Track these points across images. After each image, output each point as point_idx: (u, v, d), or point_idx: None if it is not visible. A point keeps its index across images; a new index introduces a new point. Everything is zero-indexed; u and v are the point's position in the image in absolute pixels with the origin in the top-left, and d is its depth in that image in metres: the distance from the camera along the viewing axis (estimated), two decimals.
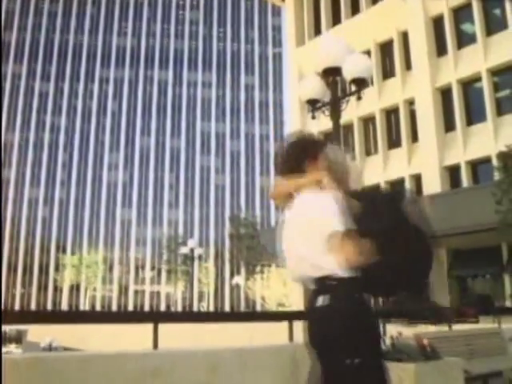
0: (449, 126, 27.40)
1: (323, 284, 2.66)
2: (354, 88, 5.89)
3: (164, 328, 5.33)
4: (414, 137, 28.90)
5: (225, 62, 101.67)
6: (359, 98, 6.00)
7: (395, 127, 30.31)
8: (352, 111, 23.78)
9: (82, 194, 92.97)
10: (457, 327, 8.73)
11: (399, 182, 29.60)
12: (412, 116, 29.22)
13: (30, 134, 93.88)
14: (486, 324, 10.00)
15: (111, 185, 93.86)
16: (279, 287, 40.85)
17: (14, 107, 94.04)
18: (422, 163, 27.88)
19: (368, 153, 31.52)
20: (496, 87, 26.16)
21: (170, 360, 4.91)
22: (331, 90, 5.89)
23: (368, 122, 31.05)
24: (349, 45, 5.89)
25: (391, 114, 30.60)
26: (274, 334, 8.18)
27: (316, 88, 6.06)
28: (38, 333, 28.97)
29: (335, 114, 5.87)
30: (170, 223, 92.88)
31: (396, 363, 5.09)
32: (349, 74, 5.75)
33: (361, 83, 5.87)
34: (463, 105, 26.93)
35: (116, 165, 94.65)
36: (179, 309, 76.53)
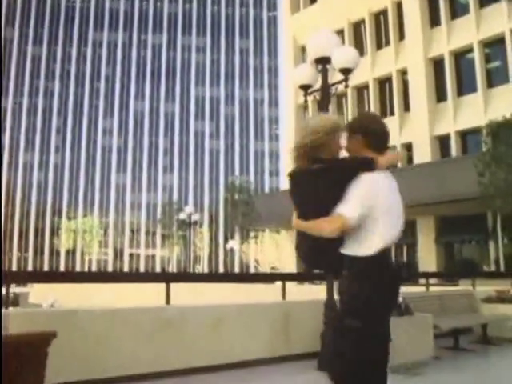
0: (440, 96, 27.95)
1: None
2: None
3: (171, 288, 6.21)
4: (406, 106, 29.48)
5: (219, 26, 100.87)
6: (346, 86, 6.68)
7: (388, 97, 30.84)
8: None
9: (77, 159, 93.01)
10: (434, 289, 9.63)
11: (391, 150, 30.37)
12: (404, 86, 29.74)
13: (24, 99, 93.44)
14: (466, 287, 10.76)
15: (106, 150, 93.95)
16: (272, 251, 41.93)
17: (6, 72, 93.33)
18: (413, 132, 28.52)
19: None
20: (487, 59, 26.66)
21: (181, 313, 5.79)
22: (322, 77, 6.57)
23: (361, 90, 31.51)
24: (338, 39, 6.58)
25: (384, 83, 31.09)
26: (268, 294, 9.09)
27: (308, 75, 6.76)
28: (36, 296, 29.90)
29: (325, 98, 6.59)
30: (165, 188, 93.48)
31: None
32: (337, 63, 6.46)
33: (347, 72, 6.57)
34: (455, 76, 27.43)
35: (110, 130, 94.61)
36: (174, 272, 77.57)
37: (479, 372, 6.35)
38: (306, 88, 6.78)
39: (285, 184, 42.27)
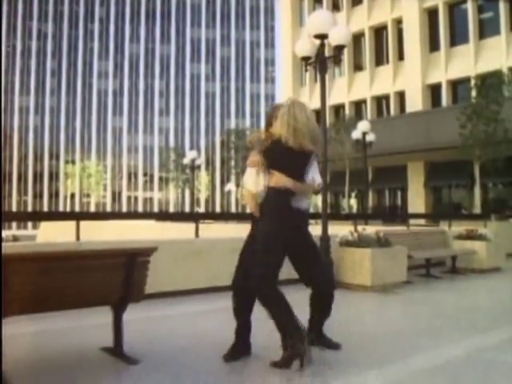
0: (433, 46, 28.85)
1: None
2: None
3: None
4: (401, 55, 30.38)
5: None
6: (340, 61, 7.97)
7: (384, 45, 31.65)
8: None
9: (73, 103, 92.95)
10: (413, 228, 11.18)
11: (384, 98, 31.48)
12: (399, 35, 30.55)
13: (17, 42, 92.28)
14: (444, 227, 12.27)
15: (101, 93, 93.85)
16: None
17: None
18: (406, 81, 29.57)
19: (356, 69, 33.09)
20: (480, 10, 27.44)
21: (206, 244, 7.37)
22: (319, 50, 7.84)
23: (358, 39, 32.22)
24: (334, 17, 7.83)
25: (380, 32, 31.85)
26: None
27: (308, 48, 8.04)
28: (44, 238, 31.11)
29: (322, 70, 7.88)
30: (161, 131, 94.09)
31: (360, 248, 7.49)
32: (333, 40, 7.74)
33: (341, 48, 7.86)
34: (448, 26, 28.26)
35: (106, 72, 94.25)
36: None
37: (445, 292, 7.88)
38: (306, 59, 8.07)
39: None
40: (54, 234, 24.27)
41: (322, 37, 7.71)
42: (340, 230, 8.35)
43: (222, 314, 4.81)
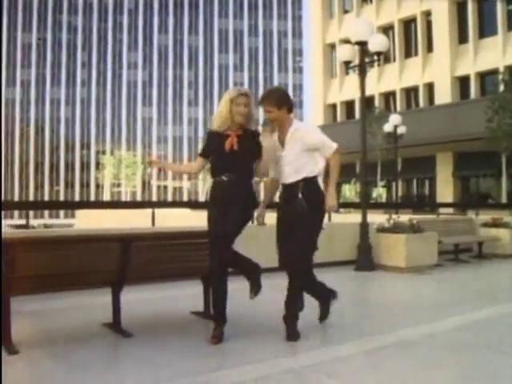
0: (462, 38, 29.20)
1: None
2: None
3: None
4: (429, 47, 30.84)
5: None
6: (378, 65, 8.85)
7: (413, 37, 32.11)
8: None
9: (103, 94, 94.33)
10: (443, 216, 12.04)
11: (413, 90, 32.01)
12: (428, 27, 30.98)
13: (48, 35, 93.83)
14: (471, 216, 13.11)
15: (131, 83, 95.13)
16: None
17: (29, 8, 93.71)
18: (435, 73, 30.05)
19: (386, 61, 33.59)
20: (509, 1, 27.52)
21: (260, 229, 8.32)
22: (359, 56, 8.74)
23: (387, 31, 32.62)
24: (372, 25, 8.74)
25: (409, 24, 32.29)
26: None
27: (348, 54, 8.96)
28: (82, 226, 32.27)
29: (362, 73, 8.78)
30: (190, 121, 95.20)
31: (395, 234, 8.43)
32: (372, 47, 8.66)
33: (380, 54, 8.76)
34: (477, 18, 28.60)
35: (135, 63, 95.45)
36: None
37: (471, 273, 8.77)
38: (347, 63, 9.00)
39: (310, 118, 44.04)
40: (90, 222, 25.39)
41: (362, 43, 8.62)
42: (372, 218, 9.26)
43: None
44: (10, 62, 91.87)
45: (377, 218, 9.54)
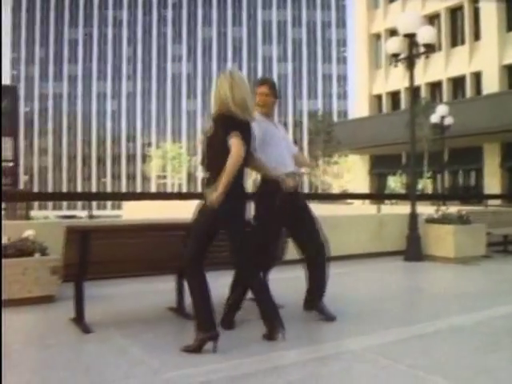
0: (510, 25, 28.64)
1: None
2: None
3: None
4: (476, 35, 30.31)
5: None
6: (427, 57, 8.93)
7: (460, 26, 31.60)
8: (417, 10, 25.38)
9: (148, 87, 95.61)
10: (491, 207, 12.02)
11: (460, 79, 31.54)
12: (475, 15, 30.44)
13: (94, 30, 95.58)
14: None
15: (176, 77, 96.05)
16: (344, 175, 44.47)
17: (75, 3, 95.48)
18: (482, 61, 29.53)
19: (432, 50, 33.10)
20: None
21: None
22: (408, 48, 8.83)
23: (432, 20, 32.23)
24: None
25: (456, 12, 31.79)
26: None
27: (397, 45, 9.04)
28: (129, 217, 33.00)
29: (411, 65, 8.87)
30: None
31: (444, 225, 8.53)
32: (421, 39, 8.73)
33: (429, 47, 8.82)
34: None
35: (179, 56, 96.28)
36: None
37: None
38: (395, 56, 9.09)
39: (355, 109, 43.82)
40: (137, 213, 26.00)
41: (411, 36, 8.70)
42: (419, 210, 9.32)
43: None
44: (57, 57, 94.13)
45: (423, 210, 9.64)
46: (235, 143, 3.68)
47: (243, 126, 3.87)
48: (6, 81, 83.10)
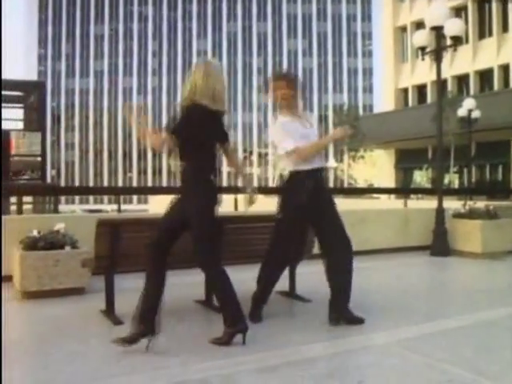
0: None
1: None
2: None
3: None
4: (505, 27, 29.83)
5: None
6: (455, 50, 8.84)
7: (487, 17, 31.14)
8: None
9: (174, 82, 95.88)
10: None
11: (488, 72, 31.10)
12: (504, 6, 29.95)
13: (119, 25, 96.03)
14: None
15: None
16: (369, 169, 44.22)
17: (101, 0, 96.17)
18: (510, 53, 29.05)
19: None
20: None
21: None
22: (435, 41, 8.75)
23: (459, 12, 31.80)
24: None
25: (483, 3, 31.32)
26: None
27: (424, 38, 8.97)
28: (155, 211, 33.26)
29: (438, 58, 8.79)
30: (260, 108, 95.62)
31: (471, 220, 8.48)
32: (449, 31, 8.64)
33: (456, 39, 8.74)
34: None
35: (205, 51, 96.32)
36: None
37: None
38: (423, 49, 9.02)
39: (380, 103, 43.53)
40: (163, 207, 26.29)
41: (438, 29, 8.62)
42: (445, 204, 9.24)
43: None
44: (83, 53, 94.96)
45: (450, 204, 9.57)
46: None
47: (213, 116, 3.80)
48: (33, 77, 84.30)
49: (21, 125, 16.57)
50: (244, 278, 4.56)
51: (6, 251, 5.74)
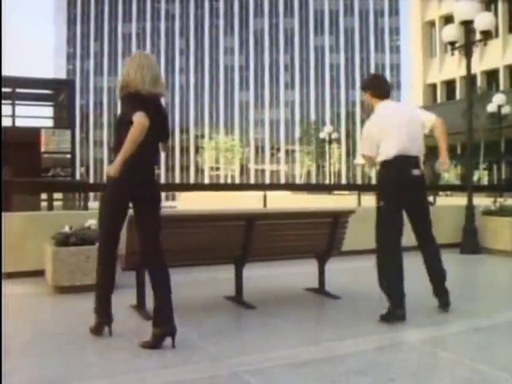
0: None
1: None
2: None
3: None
4: (511, 28, 29.24)
5: None
6: (485, 44, 8.72)
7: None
8: None
9: (201, 79, 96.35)
10: None
11: None
12: (510, 5, 29.36)
13: (147, 24, 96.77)
14: None
15: (228, 68, 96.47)
16: None
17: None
18: None
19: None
20: None
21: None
22: (465, 36, 8.64)
23: (489, 5, 31.30)
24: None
25: (488, 4, 30.71)
26: None
27: (454, 33, 8.86)
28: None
29: (468, 53, 8.68)
30: (287, 104, 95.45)
31: (501, 217, 8.37)
32: (479, 26, 8.53)
33: (486, 34, 8.62)
34: None
35: (232, 48, 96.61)
36: None
37: None
38: (452, 44, 8.92)
39: (408, 99, 43.11)
40: (192, 205, 26.35)
41: (468, 23, 8.52)
42: (474, 201, 9.14)
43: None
44: (111, 51, 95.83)
45: (479, 201, 9.45)
46: (137, 115, 3.47)
47: (152, 103, 3.72)
48: (62, 75, 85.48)
49: (51, 122, 16.85)
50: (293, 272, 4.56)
51: (38, 246, 5.88)
